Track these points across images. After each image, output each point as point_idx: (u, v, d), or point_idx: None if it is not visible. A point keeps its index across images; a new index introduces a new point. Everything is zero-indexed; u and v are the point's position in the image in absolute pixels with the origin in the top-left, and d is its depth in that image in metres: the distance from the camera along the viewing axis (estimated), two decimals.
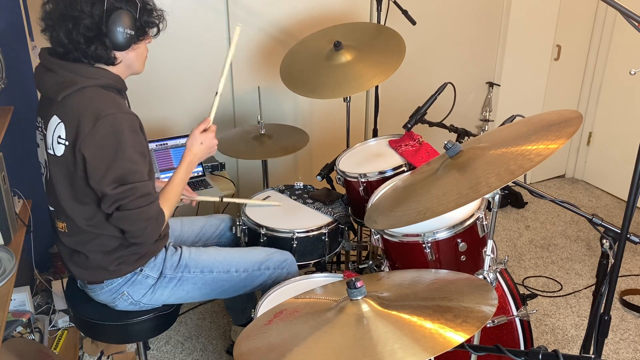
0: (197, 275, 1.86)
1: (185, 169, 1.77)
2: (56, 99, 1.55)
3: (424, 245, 1.71)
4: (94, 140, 1.51)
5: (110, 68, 1.60)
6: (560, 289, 2.84)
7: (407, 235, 1.74)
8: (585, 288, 2.84)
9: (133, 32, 1.56)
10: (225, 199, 2.19)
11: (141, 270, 1.78)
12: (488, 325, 1.75)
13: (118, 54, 1.58)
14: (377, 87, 2.82)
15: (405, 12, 2.62)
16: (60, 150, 1.57)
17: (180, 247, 1.90)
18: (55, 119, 1.57)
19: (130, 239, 1.64)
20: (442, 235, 1.71)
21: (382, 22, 2.69)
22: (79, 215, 1.64)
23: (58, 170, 1.60)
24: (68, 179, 1.60)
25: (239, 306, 2.25)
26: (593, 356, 1.30)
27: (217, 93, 1.84)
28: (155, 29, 1.65)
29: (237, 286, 1.91)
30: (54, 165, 1.61)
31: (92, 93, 1.55)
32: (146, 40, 1.64)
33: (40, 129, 1.67)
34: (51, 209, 1.73)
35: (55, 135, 1.57)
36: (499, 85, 3.60)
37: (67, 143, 1.55)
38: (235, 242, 2.21)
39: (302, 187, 2.39)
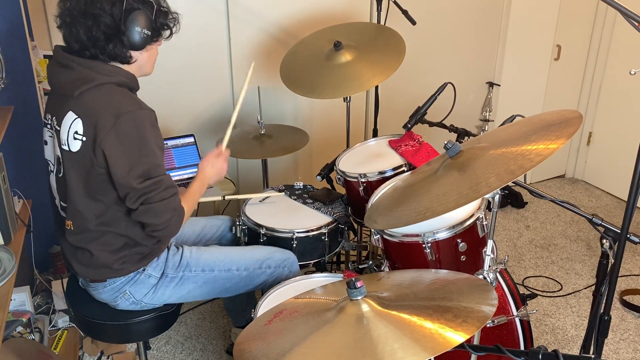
0: (198, 274, 1.86)
1: (199, 183, 1.85)
2: (72, 95, 1.57)
3: (424, 245, 1.71)
4: (116, 137, 1.53)
5: (125, 67, 1.64)
6: (560, 289, 2.84)
7: (407, 235, 1.74)
8: (585, 288, 2.84)
9: (150, 33, 1.60)
10: (227, 197, 2.19)
11: (144, 270, 1.79)
12: (488, 325, 1.75)
13: (134, 53, 1.62)
14: (377, 87, 2.82)
15: (405, 12, 2.62)
16: (76, 146, 1.59)
17: (182, 246, 1.91)
18: (71, 115, 1.58)
19: (154, 232, 1.65)
20: (442, 235, 1.71)
21: (382, 22, 2.69)
22: (90, 212, 1.65)
23: (72, 166, 1.62)
24: (82, 175, 1.61)
25: (238, 307, 2.25)
26: (593, 356, 1.30)
27: (230, 124, 2.02)
28: (168, 32, 1.69)
29: (238, 285, 1.92)
30: (68, 161, 1.62)
31: (109, 90, 1.58)
32: (159, 42, 1.69)
33: (49, 125, 1.69)
34: (62, 204, 1.73)
35: (72, 131, 1.59)
36: (499, 85, 3.60)
37: (84, 139, 1.57)
38: (235, 243, 2.21)
39: (302, 187, 2.39)
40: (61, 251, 1.84)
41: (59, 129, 1.63)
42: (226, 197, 2.19)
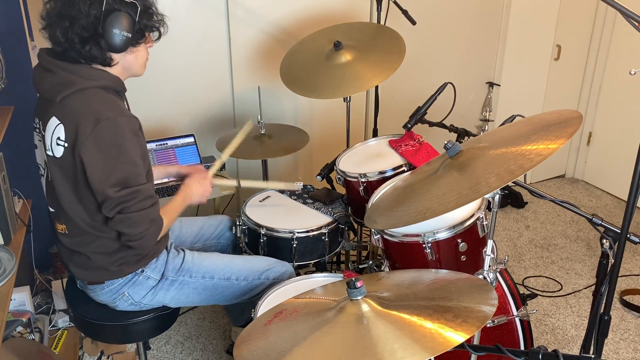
0: (198, 280, 1.86)
1: (182, 198, 1.83)
2: (55, 100, 1.54)
3: (424, 245, 1.71)
4: (94, 143, 1.51)
5: (108, 69, 1.60)
6: (560, 289, 2.84)
7: (407, 235, 1.74)
8: (585, 288, 2.84)
9: (130, 35, 1.55)
10: (242, 183, 2.18)
11: (142, 271, 1.78)
12: (488, 325, 1.75)
13: (114, 55, 1.58)
14: (377, 87, 2.82)
15: (405, 12, 2.62)
16: (59, 151, 1.57)
17: (183, 250, 1.90)
18: (54, 120, 1.56)
19: (129, 242, 1.62)
20: (442, 235, 1.71)
21: (382, 22, 2.69)
22: (81, 217, 1.63)
23: (58, 171, 1.60)
24: (70, 180, 1.59)
25: (237, 307, 2.25)
26: (593, 356, 1.30)
27: (221, 158, 2.14)
28: (156, 33, 1.66)
29: (236, 294, 1.92)
30: (54, 166, 1.60)
31: (91, 94, 1.55)
32: (146, 43, 1.65)
33: (38, 130, 1.67)
34: (51, 210, 1.72)
35: (55, 137, 1.56)
36: (499, 85, 3.60)
37: (66, 145, 1.55)
38: (234, 243, 2.21)
39: (302, 187, 2.39)
40: (58, 253, 1.83)
41: (44, 134, 1.61)
42: (241, 184, 2.17)
